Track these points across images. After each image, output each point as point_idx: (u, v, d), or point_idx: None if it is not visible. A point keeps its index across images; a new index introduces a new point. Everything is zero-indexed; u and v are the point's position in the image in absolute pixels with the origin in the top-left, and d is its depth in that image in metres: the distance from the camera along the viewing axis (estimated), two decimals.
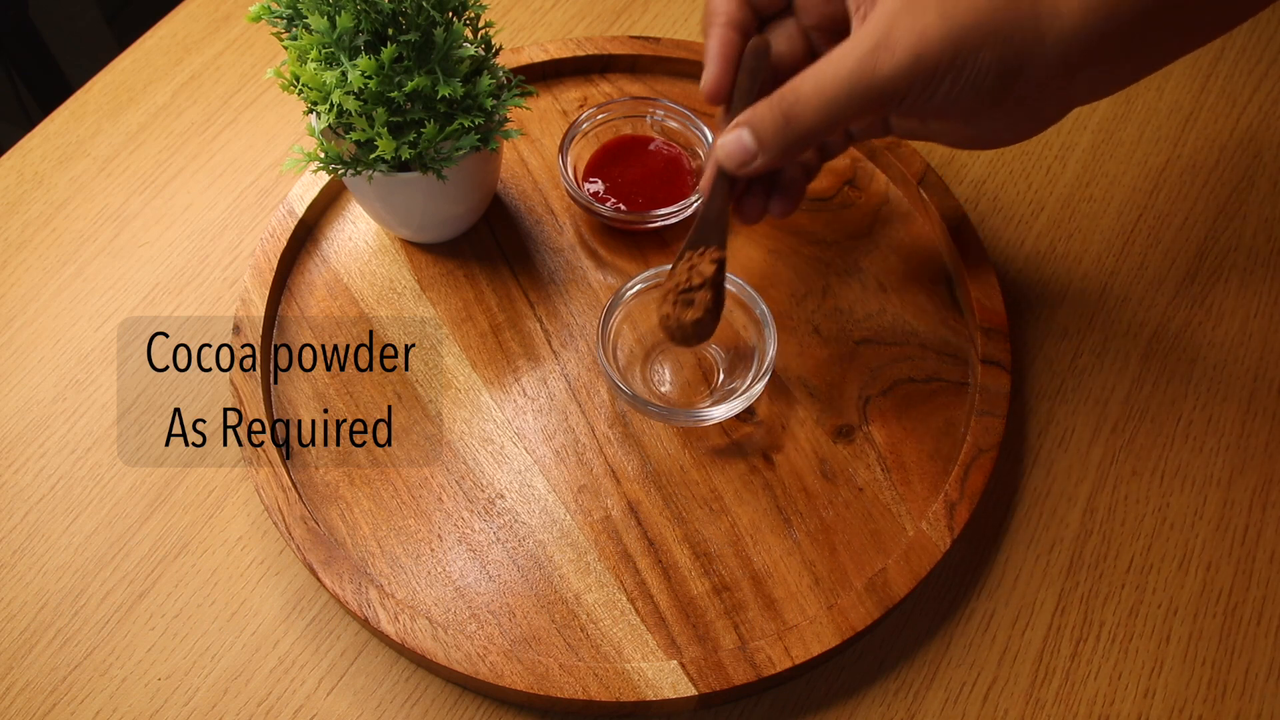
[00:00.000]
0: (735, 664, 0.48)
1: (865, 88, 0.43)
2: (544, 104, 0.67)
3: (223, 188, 0.66)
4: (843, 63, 0.43)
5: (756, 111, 0.46)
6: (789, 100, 0.44)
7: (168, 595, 0.52)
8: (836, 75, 0.43)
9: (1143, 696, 0.50)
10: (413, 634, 0.48)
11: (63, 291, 0.62)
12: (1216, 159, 0.67)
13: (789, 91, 0.45)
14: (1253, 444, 0.57)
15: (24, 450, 0.56)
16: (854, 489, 0.54)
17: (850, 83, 0.43)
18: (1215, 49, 0.72)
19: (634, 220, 0.59)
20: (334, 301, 0.59)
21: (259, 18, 0.52)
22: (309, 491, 0.53)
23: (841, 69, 0.43)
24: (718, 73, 0.49)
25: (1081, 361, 0.60)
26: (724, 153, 0.47)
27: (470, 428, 0.55)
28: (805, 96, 0.44)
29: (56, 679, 0.50)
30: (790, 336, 0.58)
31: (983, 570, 0.53)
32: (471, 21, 0.54)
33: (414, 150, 0.51)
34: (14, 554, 0.53)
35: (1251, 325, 0.61)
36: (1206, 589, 0.53)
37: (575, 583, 0.51)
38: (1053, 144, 0.68)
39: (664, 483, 0.54)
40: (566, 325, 0.58)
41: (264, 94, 0.70)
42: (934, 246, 0.61)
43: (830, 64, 0.43)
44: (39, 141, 0.68)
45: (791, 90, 0.44)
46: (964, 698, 0.50)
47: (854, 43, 0.43)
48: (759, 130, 0.46)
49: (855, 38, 0.43)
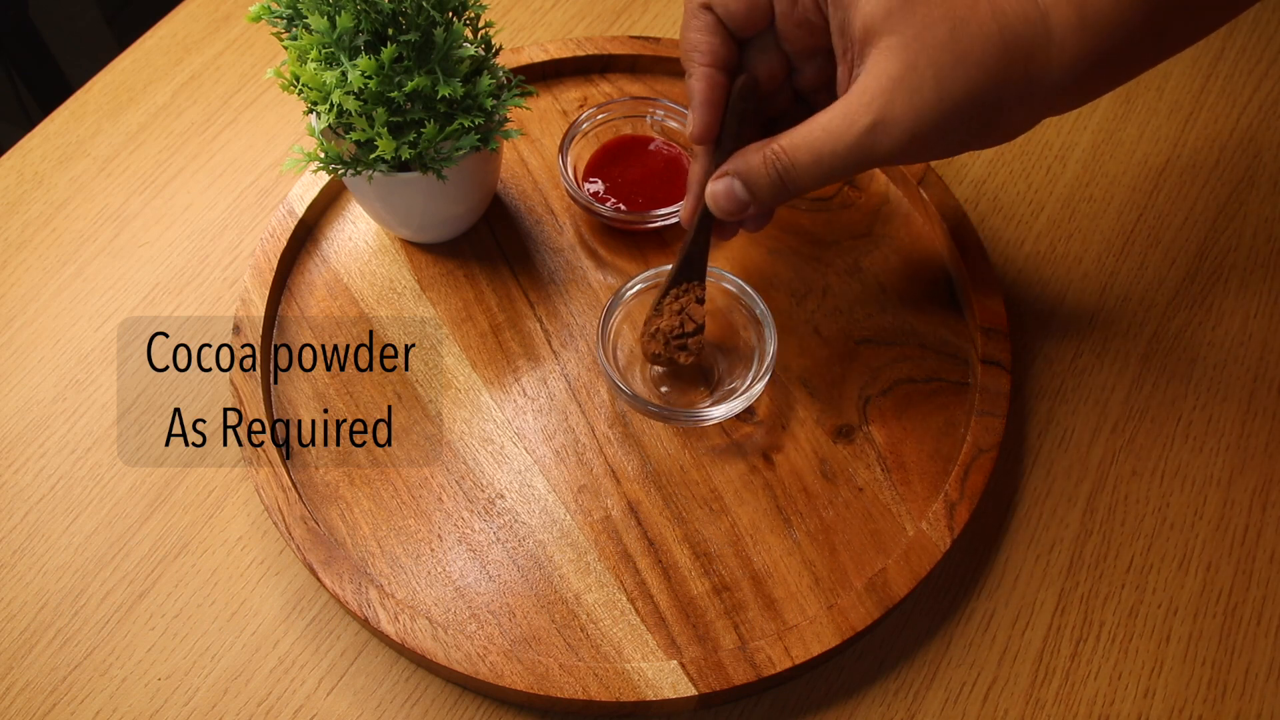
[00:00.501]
0: (735, 664, 0.48)
1: (860, 159, 0.44)
2: (544, 104, 0.67)
3: (223, 188, 0.66)
4: (840, 139, 0.44)
5: (750, 164, 0.46)
6: (784, 163, 0.45)
7: (168, 595, 0.52)
8: (834, 150, 0.44)
9: (1143, 696, 0.50)
10: (413, 634, 0.48)
11: (63, 291, 0.62)
12: (1216, 159, 0.67)
13: (783, 153, 0.45)
14: (1253, 444, 0.57)
15: (24, 450, 0.56)
16: (854, 489, 0.54)
17: (846, 156, 0.44)
18: (1215, 49, 0.72)
19: (634, 220, 0.59)
20: (334, 301, 0.59)
21: (259, 18, 0.52)
22: (309, 491, 0.53)
23: (839, 144, 0.44)
24: (706, 119, 0.49)
25: (1081, 361, 0.60)
26: (716, 202, 0.48)
27: (470, 428, 0.55)
28: (801, 162, 0.45)
29: (56, 679, 0.50)
30: (790, 336, 0.58)
31: (983, 570, 0.53)
32: (471, 21, 0.54)
33: (414, 150, 0.51)
34: (14, 554, 0.53)
35: (1251, 325, 0.61)
36: (1206, 589, 0.53)
37: (575, 583, 0.51)
38: (1053, 144, 0.68)
39: (664, 483, 0.54)
40: (566, 325, 0.58)
41: (264, 94, 0.70)
42: (934, 246, 0.61)
43: (828, 136, 0.44)
44: (39, 141, 0.68)
45: (786, 153, 0.45)
46: (964, 698, 0.50)
47: (849, 116, 0.43)
48: (753, 184, 0.47)
49: (850, 110, 0.43)
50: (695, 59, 0.48)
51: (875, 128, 0.43)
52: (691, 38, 0.47)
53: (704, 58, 0.47)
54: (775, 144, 0.45)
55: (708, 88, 0.48)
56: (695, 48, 0.47)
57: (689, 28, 0.47)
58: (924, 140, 0.43)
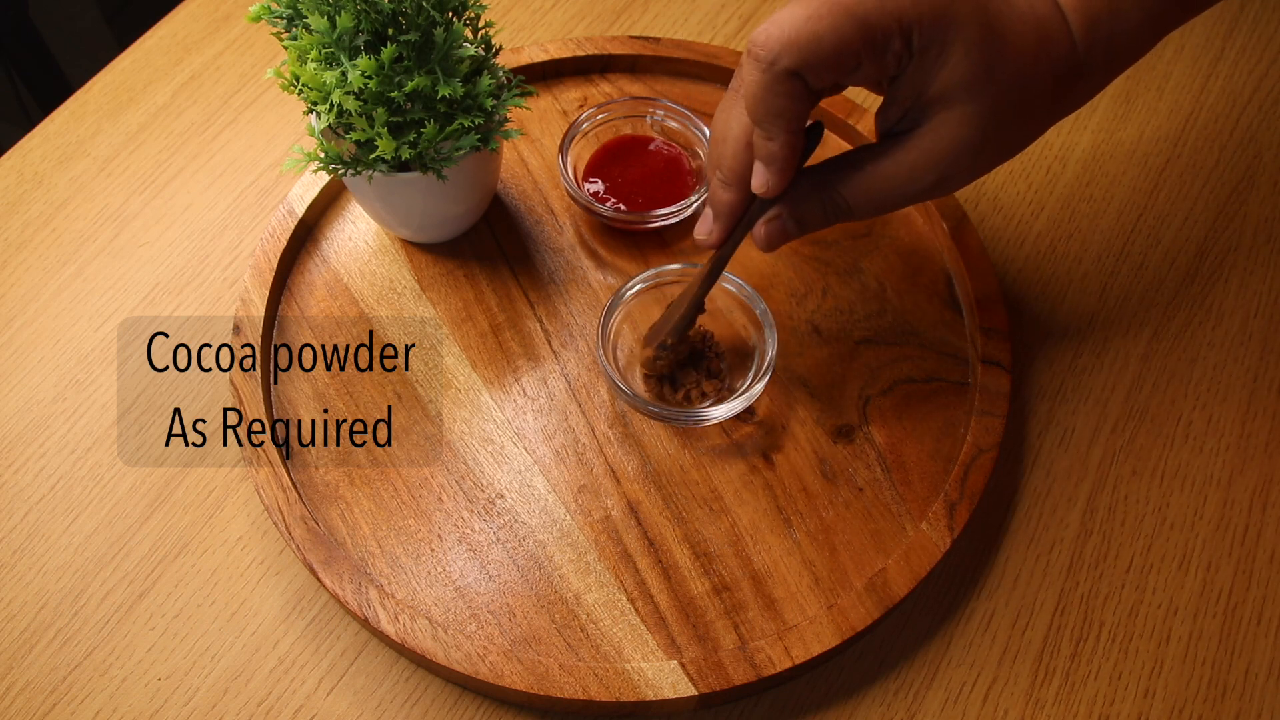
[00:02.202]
0: (735, 664, 0.48)
1: (912, 204, 0.47)
2: (544, 104, 0.67)
3: (223, 188, 0.66)
4: (902, 191, 0.46)
5: (806, 206, 0.47)
6: (843, 208, 0.47)
7: (168, 595, 0.52)
8: (894, 200, 0.46)
9: (1143, 696, 0.50)
10: (413, 634, 0.48)
11: (63, 291, 0.62)
12: (1216, 159, 0.67)
13: (842, 200, 0.46)
14: (1253, 444, 0.57)
15: (24, 450, 0.56)
16: (854, 489, 0.54)
17: (902, 203, 0.46)
18: (1215, 49, 0.72)
19: (634, 220, 0.59)
20: (334, 301, 0.59)
21: (259, 18, 0.52)
22: (309, 491, 0.53)
23: (899, 196, 0.46)
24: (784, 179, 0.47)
25: (1081, 361, 0.60)
26: (768, 241, 0.48)
27: (470, 428, 0.55)
28: (859, 208, 0.47)
29: (56, 679, 0.50)
30: (790, 336, 0.58)
31: (983, 570, 0.53)
32: (471, 21, 0.54)
33: (414, 150, 0.51)
34: (14, 554, 0.53)
35: (1251, 325, 0.61)
36: (1206, 589, 0.53)
37: (575, 583, 0.51)
38: (1053, 144, 0.68)
39: (664, 483, 0.54)
40: (566, 325, 0.58)
41: (264, 94, 0.70)
42: (934, 246, 0.61)
43: (890, 187, 0.45)
44: (39, 141, 0.68)
45: (846, 200, 0.46)
46: (964, 698, 0.50)
47: (915, 172, 0.45)
48: (805, 223, 0.48)
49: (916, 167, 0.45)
50: (780, 125, 0.45)
51: (940, 184, 0.45)
52: (777, 104, 0.44)
53: (791, 124, 0.45)
54: (835, 189, 0.46)
55: (790, 153, 0.45)
56: (780, 114, 0.44)
57: (774, 93, 0.44)
58: (969, 183, 0.47)
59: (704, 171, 0.61)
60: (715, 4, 0.74)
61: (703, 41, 0.68)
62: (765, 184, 0.46)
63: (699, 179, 0.61)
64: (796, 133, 0.45)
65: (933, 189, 0.45)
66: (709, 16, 0.74)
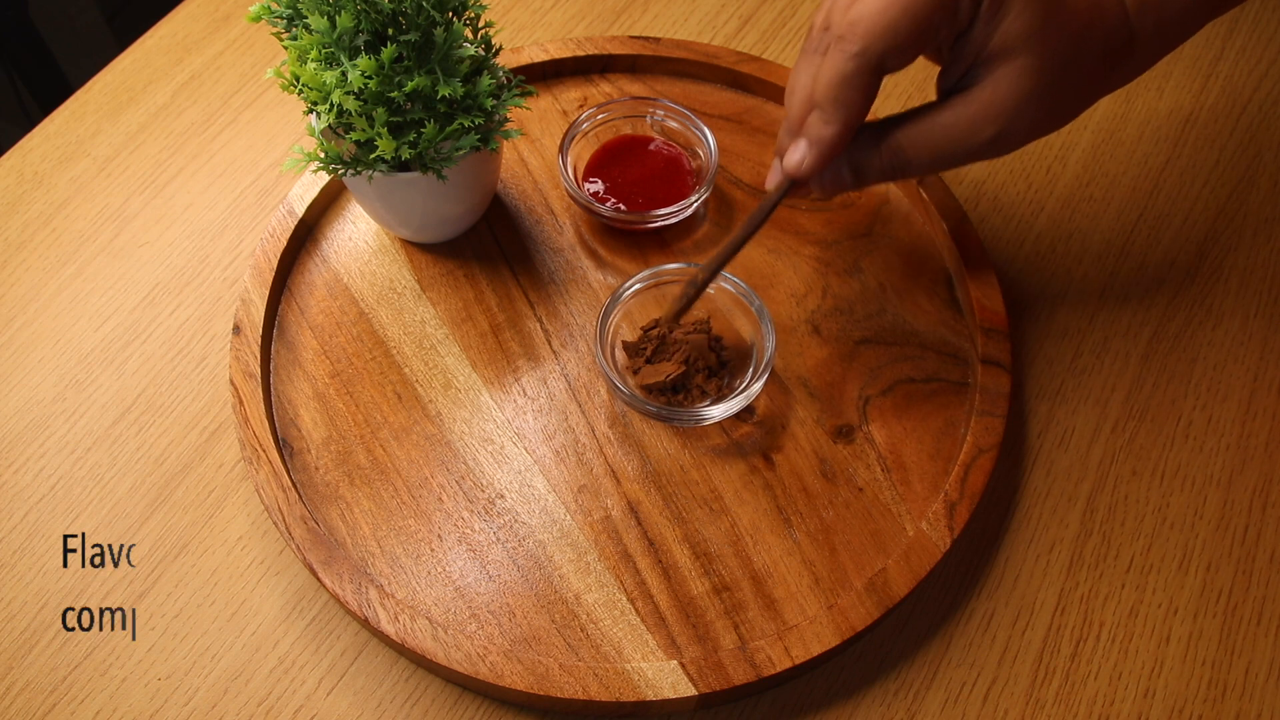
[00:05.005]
0: (735, 664, 0.48)
1: (970, 159, 0.47)
2: (544, 104, 0.67)
3: (223, 188, 0.66)
4: (961, 143, 0.46)
5: (864, 155, 0.47)
6: (902, 159, 0.47)
7: (168, 595, 0.52)
8: (953, 151, 0.46)
9: (1143, 696, 0.50)
10: (413, 634, 0.48)
11: (63, 291, 0.62)
12: (1216, 159, 0.67)
13: (901, 151, 0.46)
14: (1253, 444, 0.57)
15: (24, 450, 0.56)
16: (854, 489, 0.54)
17: (961, 157, 0.46)
18: (1215, 49, 0.72)
19: (634, 220, 0.59)
20: (334, 301, 0.59)
21: (259, 18, 0.52)
22: (309, 491, 0.53)
23: (959, 147, 0.46)
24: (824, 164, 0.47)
25: (1081, 361, 0.60)
26: (823, 187, 0.49)
27: (470, 428, 0.55)
28: (917, 159, 0.47)
29: (56, 679, 0.50)
30: (790, 336, 0.58)
31: (983, 570, 0.53)
32: (471, 21, 0.54)
33: (414, 150, 0.51)
34: (14, 554, 0.53)
35: (1251, 325, 0.61)
36: (1206, 589, 0.53)
37: (575, 583, 0.51)
38: (1053, 144, 0.68)
39: (664, 483, 0.54)
40: (566, 325, 0.58)
41: (264, 94, 0.70)
42: (934, 246, 0.61)
43: (949, 139, 0.46)
44: (39, 141, 0.68)
45: (905, 150, 0.46)
46: (964, 698, 0.50)
47: (975, 124, 0.45)
48: (863, 172, 0.48)
49: (976, 120, 0.45)
50: (843, 116, 0.45)
51: (998, 138, 0.45)
52: (848, 95, 0.44)
53: (854, 116, 0.45)
54: (894, 139, 0.46)
55: (840, 142, 0.46)
56: (849, 105, 0.44)
57: (852, 86, 0.44)
58: (1024, 143, 0.47)
59: (704, 171, 0.61)
60: (715, 4, 0.74)
61: (703, 41, 0.68)
62: (801, 163, 0.47)
63: (699, 179, 0.61)
64: (855, 125, 0.45)
65: (990, 144, 0.45)
66: (709, 16, 0.74)
